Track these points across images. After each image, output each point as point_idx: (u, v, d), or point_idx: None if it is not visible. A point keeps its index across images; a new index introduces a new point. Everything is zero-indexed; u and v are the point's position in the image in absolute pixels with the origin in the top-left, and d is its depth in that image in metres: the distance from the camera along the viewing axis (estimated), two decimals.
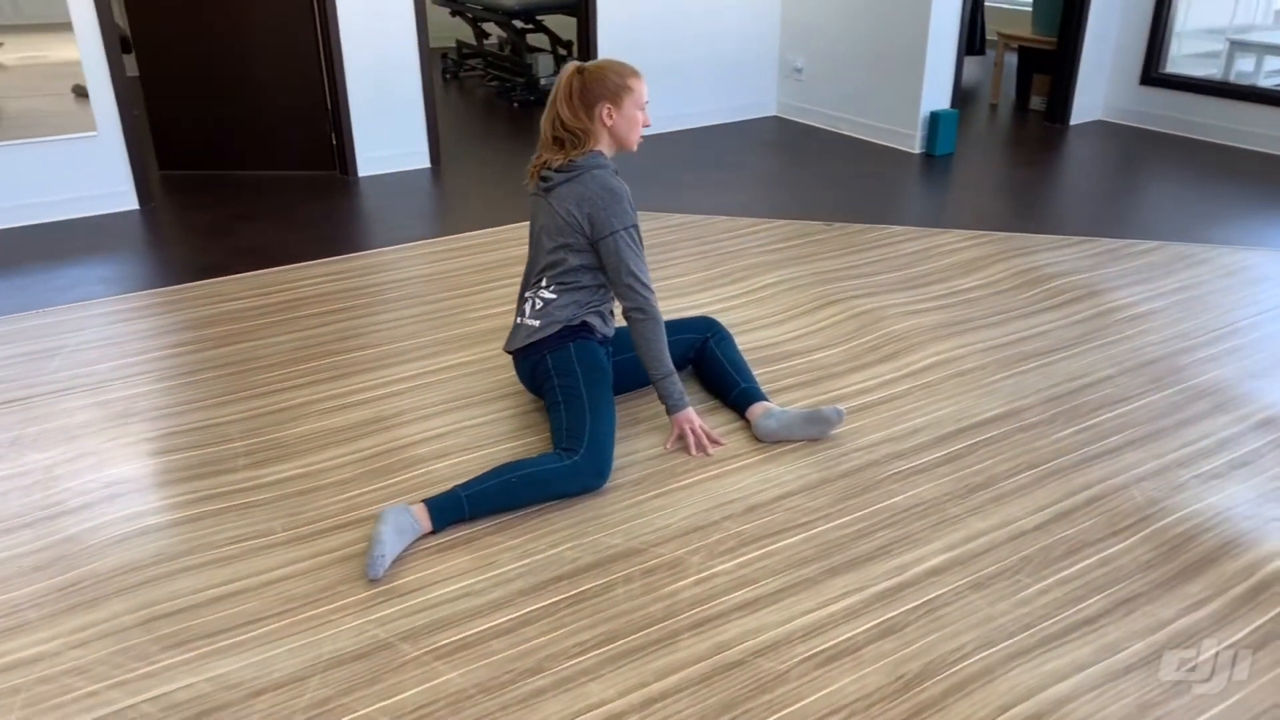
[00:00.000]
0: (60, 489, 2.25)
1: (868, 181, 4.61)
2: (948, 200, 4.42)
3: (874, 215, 4.08)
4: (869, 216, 4.06)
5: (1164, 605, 1.89)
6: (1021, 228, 3.93)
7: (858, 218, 4.04)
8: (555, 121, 2.38)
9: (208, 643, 1.79)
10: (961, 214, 4.17)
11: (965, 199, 4.42)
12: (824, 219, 4.03)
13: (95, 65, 4.00)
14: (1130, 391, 2.68)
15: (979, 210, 4.23)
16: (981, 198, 4.42)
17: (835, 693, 1.69)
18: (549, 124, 2.39)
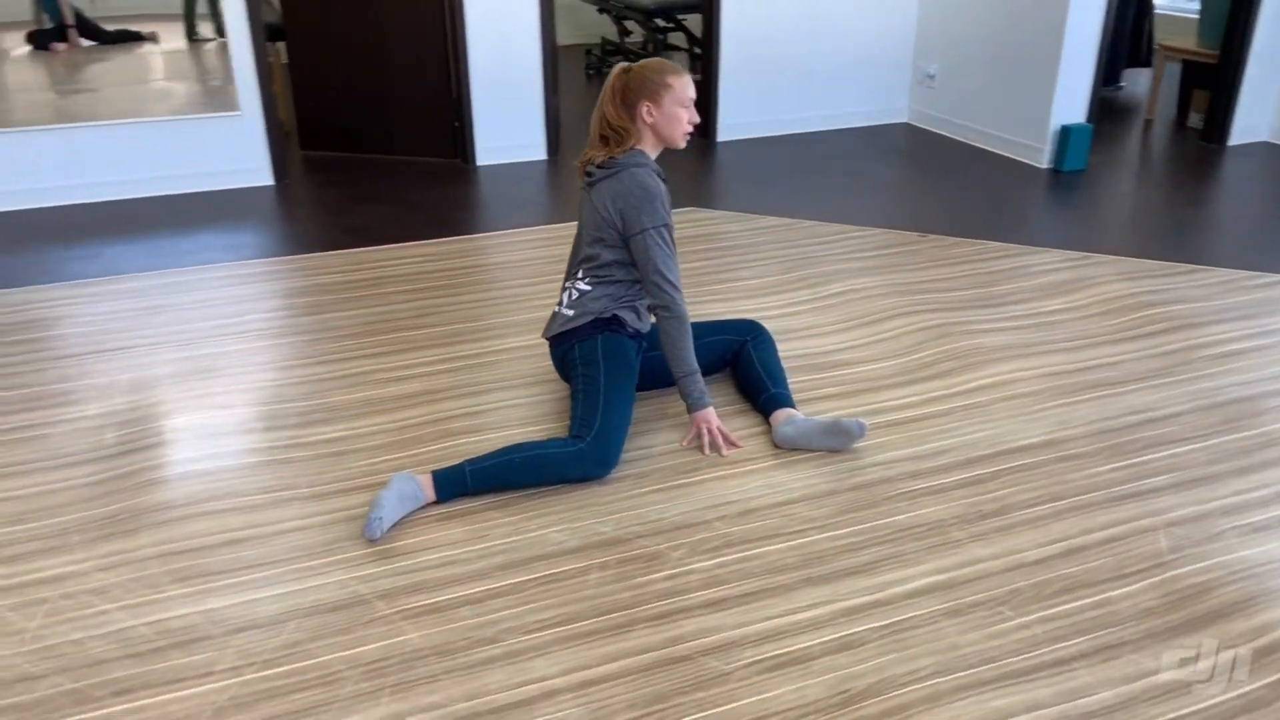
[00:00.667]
0: (127, 431, 2.50)
1: (982, 195, 4.45)
2: (1061, 218, 4.21)
3: (975, 229, 3.94)
4: (969, 230, 3.93)
5: (1151, 656, 1.78)
6: (1135, 252, 3.71)
7: (958, 231, 3.92)
8: (602, 120, 2.45)
9: (210, 580, 1.97)
10: (1070, 233, 3.97)
11: (1080, 218, 4.20)
12: (924, 230, 3.93)
13: (241, 51, 4.35)
14: (1193, 432, 2.51)
15: (1092, 230, 4.02)
16: (1100, 218, 4.19)
17: (771, 699, 1.69)
18: (597, 122, 2.47)
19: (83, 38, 4.49)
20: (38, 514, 2.17)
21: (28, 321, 3.12)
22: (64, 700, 1.68)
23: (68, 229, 3.98)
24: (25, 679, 1.72)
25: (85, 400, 2.65)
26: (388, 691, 1.70)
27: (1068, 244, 3.80)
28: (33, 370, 2.81)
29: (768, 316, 3.10)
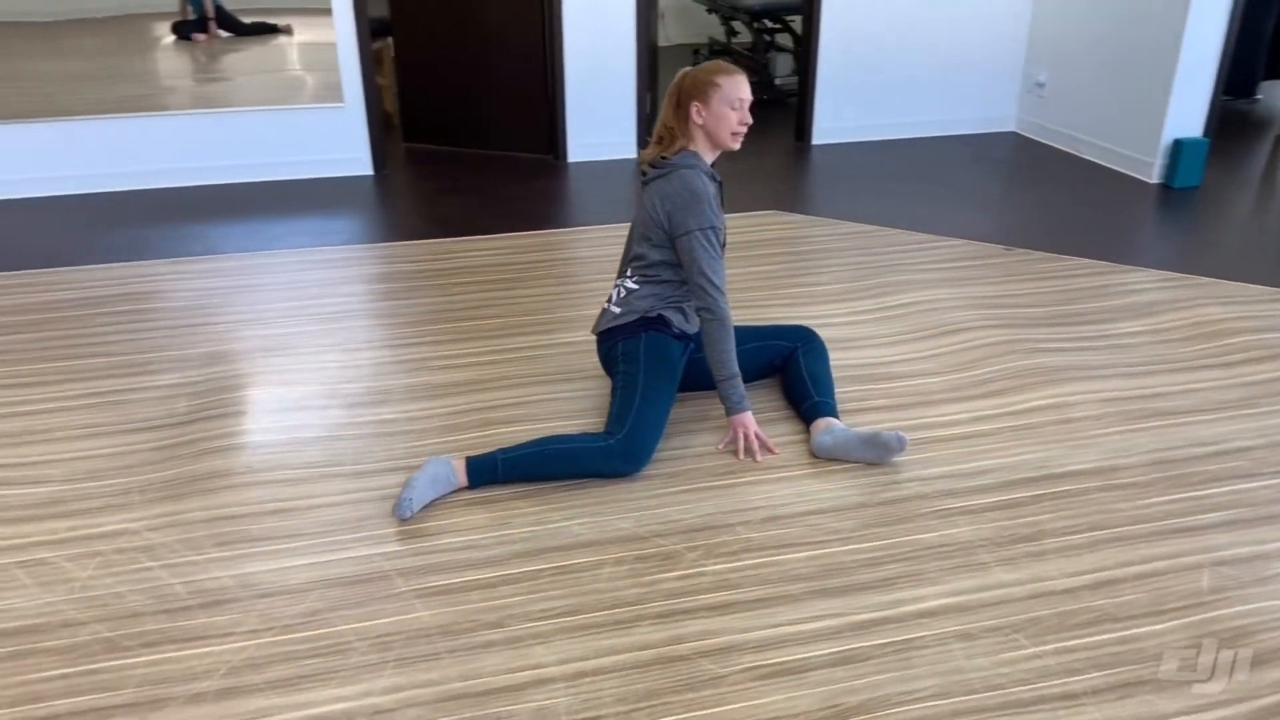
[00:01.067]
0: (197, 402, 2.65)
1: (1081, 209, 4.28)
2: (1162, 236, 4.01)
3: (1067, 245, 3.79)
4: (1061, 246, 3.78)
5: (1171, 699, 1.70)
6: (1239, 275, 3.51)
7: (1049, 246, 3.78)
8: (661, 121, 2.48)
9: (248, 546, 2.08)
10: (1170, 253, 3.78)
11: (1184, 237, 4.00)
12: (1011, 243, 3.80)
13: (347, 46, 4.54)
14: (1264, 469, 2.37)
15: (1194, 251, 3.82)
16: (1206, 238, 3.98)
17: (760, 706, 1.69)
18: (659, 123, 2.49)
19: (221, 29, 4.74)
20: (107, 473, 2.33)
21: (127, 294, 3.34)
22: (98, 647, 1.81)
23: (178, 210, 4.24)
24: (69, 624, 1.86)
25: (165, 370, 2.82)
26: (391, 665, 1.77)
27: (1165, 264, 3.62)
28: (123, 340, 3.01)
29: (831, 323, 3.07)
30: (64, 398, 2.67)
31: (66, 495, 2.25)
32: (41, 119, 4.39)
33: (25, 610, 1.90)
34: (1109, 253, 3.72)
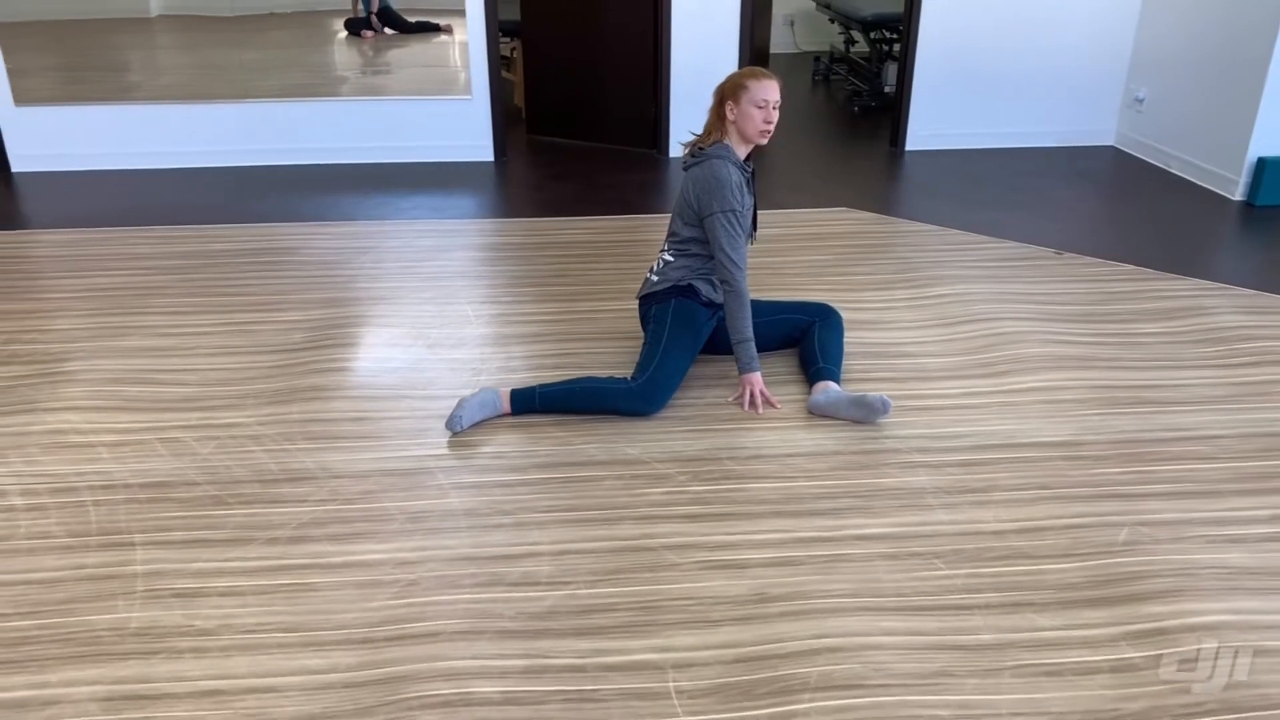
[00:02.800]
0: (311, 334, 3.22)
1: (1152, 221, 4.41)
2: (1219, 249, 4.11)
3: (1121, 253, 3.94)
4: (1116, 253, 3.94)
5: (1050, 617, 2.00)
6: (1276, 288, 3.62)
7: (1105, 253, 3.94)
8: (708, 116, 2.89)
9: (330, 442, 2.61)
10: (1216, 263, 3.89)
11: (1242, 251, 4.09)
12: (1074, 250, 3.99)
13: (478, 46, 5.11)
14: (1222, 453, 2.58)
15: (1246, 264, 3.92)
16: (1260, 252, 4.06)
17: (703, 588, 2.08)
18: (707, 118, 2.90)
19: (387, 27, 5.38)
20: (231, 382, 2.92)
21: (270, 249, 3.98)
22: (208, 501, 2.36)
23: (324, 182, 4.90)
24: (189, 483, 2.43)
25: (290, 309, 3.42)
26: (420, 532, 2.25)
27: (1208, 274, 3.75)
28: (261, 283, 3.63)
29: (862, 308, 3.39)
30: (207, 325, 3.29)
31: (199, 395, 2.85)
32: (224, 101, 5.15)
33: (160, 471, 2.48)
34: (1160, 261, 3.87)
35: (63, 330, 3.27)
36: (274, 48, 5.36)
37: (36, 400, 2.81)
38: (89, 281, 3.66)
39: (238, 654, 1.90)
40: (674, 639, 1.94)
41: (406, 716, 1.75)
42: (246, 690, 1.82)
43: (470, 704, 1.79)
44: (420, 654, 1.90)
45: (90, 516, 2.31)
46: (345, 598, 2.05)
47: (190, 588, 2.08)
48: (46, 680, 1.84)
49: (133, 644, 1.93)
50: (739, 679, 1.85)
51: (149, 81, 5.23)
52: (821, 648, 1.91)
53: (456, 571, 2.13)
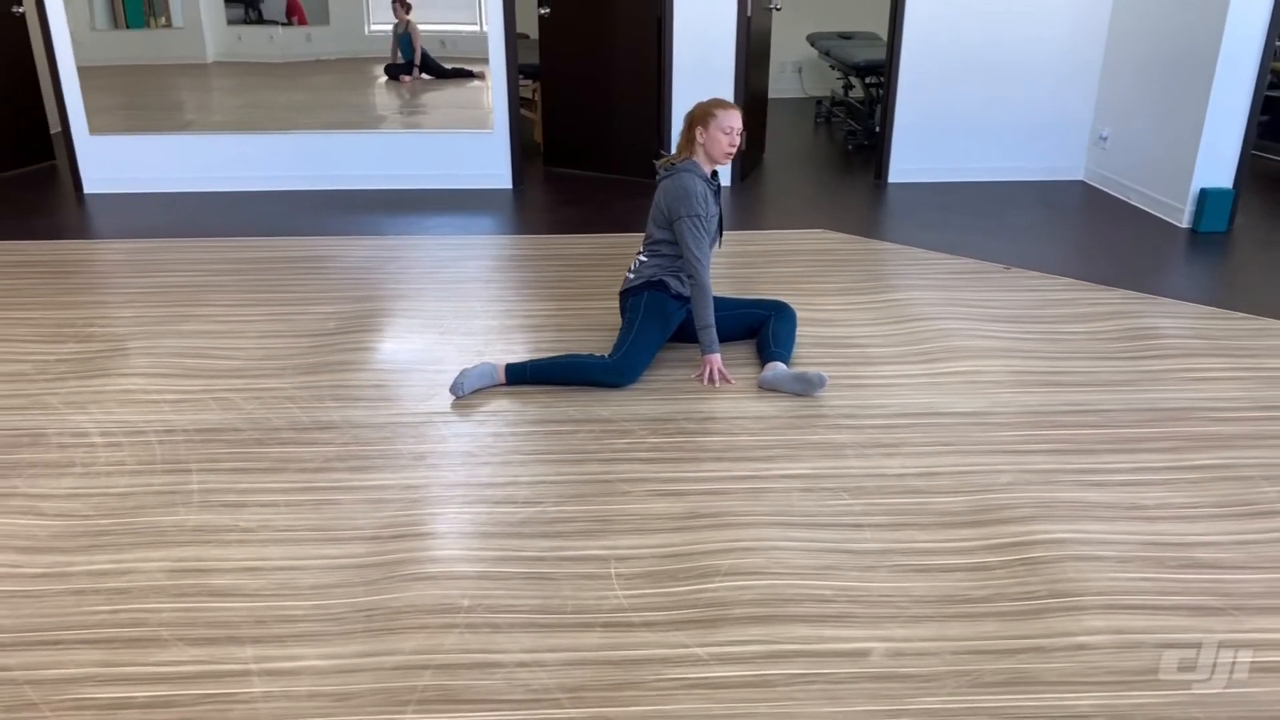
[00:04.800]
0: (342, 322, 3.76)
1: (1102, 245, 4.85)
2: (1157, 267, 4.54)
3: (1066, 269, 4.38)
4: (1061, 269, 4.37)
5: (928, 534, 2.45)
6: (1203, 299, 4.03)
7: (1049, 269, 4.38)
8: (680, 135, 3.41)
9: (353, 402, 3.13)
10: (1151, 280, 4.31)
11: (1178, 268, 4.52)
12: (1023, 267, 4.43)
13: (499, 86, 5.71)
14: (1109, 423, 3.01)
15: (1179, 279, 4.36)
16: (1199, 270, 4.49)
17: (648, 509, 2.55)
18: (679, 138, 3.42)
19: (424, 73, 5.99)
20: (273, 357, 3.45)
21: (310, 257, 4.55)
22: (251, 443, 2.88)
23: (360, 204, 5.49)
24: (236, 430, 2.95)
25: (326, 303, 3.96)
26: (424, 467, 2.75)
27: (1140, 287, 4.17)
28: (301, 284, 4.19)
29: (822, 309, 3.87)
30: (254, 315, 3.84)
31: (246, 367, 3.38)
32: (272, 132, 5.78)
33: (211, 421, 3.01)
34: (1098, 277, 4.31)
35: (131, 317, 3.83)
36: (319, 90, 6.01)
37: (110, 368, 3.37)
38: (153, 280, 4.24)
39: (273, 545, 2.40)
40: (619, 541, 2.42)
41: (401, 585, 2.24)
42: (277, 568, 2.32)
43: (452, 578, 2.27)
44: (416, 546, 2.39)
45: (155, 451, 2.84)
46: (359, 509, 2.55)
47: (236, 500, 2.59)
48: (123, 558, 2.35)
49: (190, 536, 2.44)
50: (667, 568, 2.32)
51: (204, 118, 5.88)
52: (736, 547, 2.38)
53: (450, 494, 2.63)
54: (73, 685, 1.96)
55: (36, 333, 3.67)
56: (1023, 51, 5.83)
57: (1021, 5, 5.74)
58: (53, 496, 2.61)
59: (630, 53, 5.86)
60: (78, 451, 2.83)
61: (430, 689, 1.94)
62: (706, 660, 2.03)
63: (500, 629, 2.11)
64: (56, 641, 2.08)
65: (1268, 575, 2.30)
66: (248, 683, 1.97)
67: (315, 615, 2.16)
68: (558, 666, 2.01)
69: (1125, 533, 2.45)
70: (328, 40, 5.93)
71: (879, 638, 2.09)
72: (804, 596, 2.21)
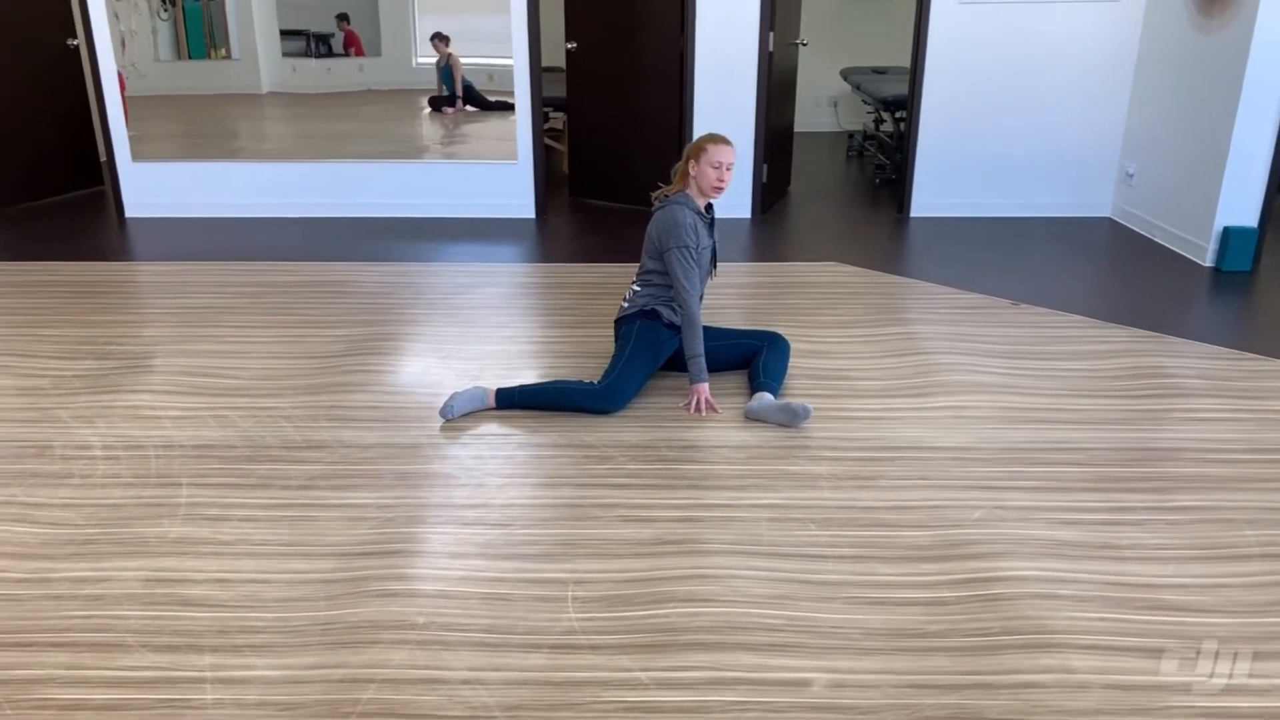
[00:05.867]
0: (350, 344, 3.86)
1: (1119, 282, 4.80)
2: (1174, 307, 4.46)
3: (1078, 306, 4.32)
4: (1073, 307, 4.31)
5: (890, 567, 2.45)
6: (1214, 339, 3.97)
7: (1063, 307, 4.32)
8: (676, 169, 3.47)
9: (346, 422, 3.21)
10: (1162, 318, 4.24)
11: (1194, 309, 4.45)
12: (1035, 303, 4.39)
13: (524, 119, 5.84)
14: (1092, 461, 2.98)
15: (1193, 320, 4.28)
16: (1216, 310, 4.41)
17: (612, 534, 2.58)
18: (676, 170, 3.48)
19: (468, 105, 6.14)
20: (275, 377, 3.56)
21: (328, 282, 4.68)
22: (242, 459, 2.98)
23: (380, 231, 5.63)
24: (231, 446, 3.05)
25: (335, 327, 4.07)
26: (402, 487, 2.82)
27: (1150, 326, 4.11)
28: (316, 307, 4.31)
29: (819, 342, 3.88)
30: (265, 336, 3.97)
31: (248, 386, 3.49)
32: (304, 160, 5.98)
33: (210, 438, 3.11)
34: (1108, 314, 4.25)
35: (150, 336, 3.98)
36: (366, 120, 6.20)
37: (122, 385, 3.50)
38: (176, 302, 4.40)
39: (246, 558, 2.48)
40: (580, 565, 2.45)
41: (362, 601, 2.30)
42: (247, 580, 2.39)
43: (412, 595, 2.33)
44: (383, 564, 2.45)
45: (151, 465, 2.95)
46: (335, 526, 2.62)
47: (219, 514, 2.68)
48: (102, 566, 2.45)
49: (169, 548, 2.53)
50: (623, 593, 2.35)
51: (253, 146, 6.10)
52: (694, 575, 2.40)
53: (424, 514, 2.69)
54: (37, 686, 2.04)
55: (59, 349, 3.83)
56: (1049, 87, 5.80)
57: (1048, 41, 5.72)
58: (48, 506, 2.72)
59: (653, 86, 5.95)
60: (78, 463, 2.95)
61: (373, 702, 1.99)
62: (647, 684, 2.05)
63: (450, 646, 2.16)
64: (29, 644, 2.17)
65: (1235, 620, 2.26)
66: (201, 690, 2.03)
67: (275, 627, 2.22)
68: (499, 685, 2.04)
69: (1092, 572, 2.43)
70: (378, 72, 6.12)
71: (823, 668, 2.10)
72: (754, 625, 2.22)
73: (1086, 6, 5.66)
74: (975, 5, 5.65)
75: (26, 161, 6.25)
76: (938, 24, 5.70)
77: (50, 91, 6.30)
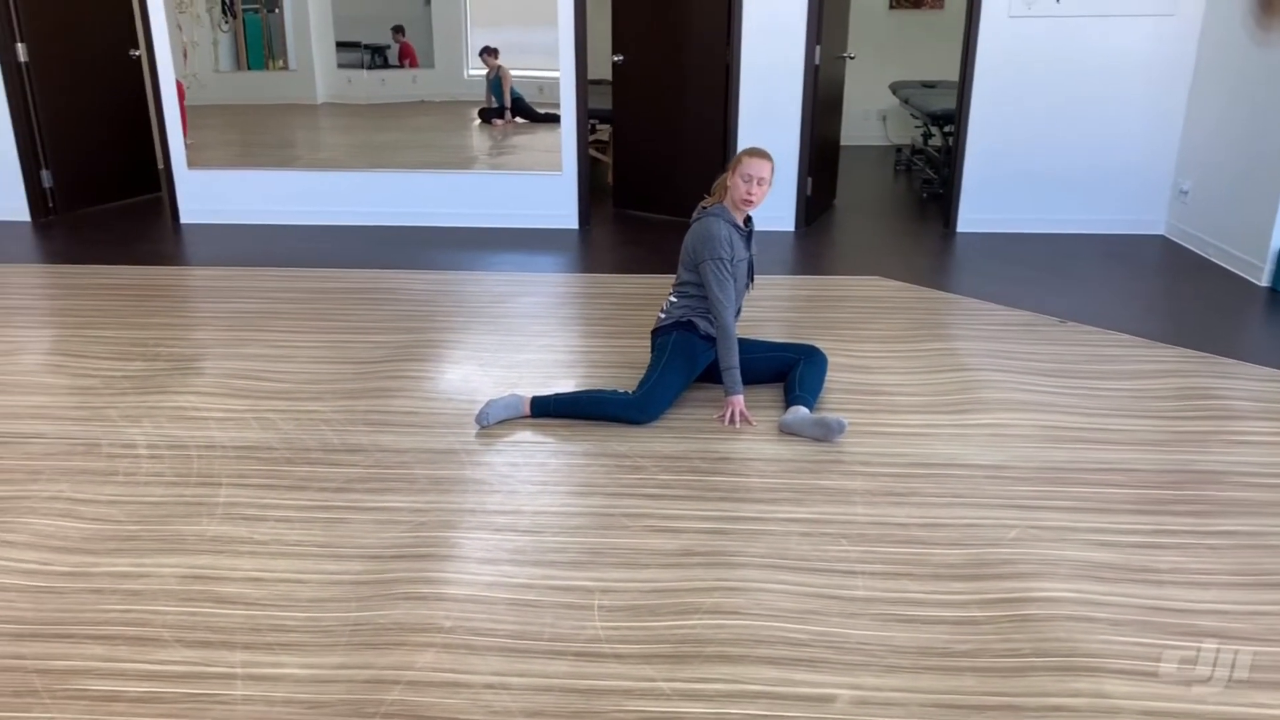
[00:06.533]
0: (395, 350, 3.92)
1: (1170, 301, 4.70)
2: (1223, 327, 4.36)
3: (1122, 324, 4.23)
4: (1122, 325, 4.22)
5: (921, 584, 2.42)
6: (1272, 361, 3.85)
7: (1110, 325, 4.23)
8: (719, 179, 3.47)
9: (384, 427, 3.26)
10: (1214, 339, 4.14)
11: (1242, 326, 4.34)
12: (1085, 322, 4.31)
13: (569, 131, 5.89)
14: (1134, 483, 2.91)
15: (1244, 340, 4.18)
16: (1269, 330, 4.29)
17: (640, 544, 2.58)
18: None
19: (517, 116, 6.21)
20: (317, 381, 3.62)
21: (372, 289, 4.76)
22: (281, 461, 3.03)
23: (427, 240, 5.71)
24: (270, 448, 3.11)
25: (377, 333, 4.13)
26: (436, 492, 2.85)
27: (1201, 346, 4.01)
28: (360, 314, 4.38)
29: (858, 355, 3.85)
30: (310, 341, 4.04)
31: (291, 389, 3.56)
32: (356, 170, 6.09)
33: (250, 439, 3.18)
34: (1157, 334, 4.16)
35: (199, 339, 4.07)
36: (417, 131, 6.31)
37: (169, 386, 3.59)
38: (224, 305, 4.49)
39: (280, 558, 2.52)
40: (607, 574, 2.46)
41: (391, 603, 2.33)
42: (280, 579, 2.43)
43: (441, 599, 2.35)
44: (413, 567, 2.48)
45: (193, 465, 3.01)
46: (367, 529, 2.66)
47: (256, 514, 2.73)
48: (142, 562, 2.50)
49: (207, 545, 2.58)
50: (649, 603, 2.35)
51: (306, 155, 6.23)
52: (721, 587, 2.40)
53: (456, 519, 2.71)
54: (74, 677, 2.10)
55: (111, 350, 3.94)
56: (1101, 101, 5.71)
57: (1101, 54, 5.63)
58: (93, 502, 2.80)
59: (699, 99, 5.97)
60: (123, 461, 3.03)
61: (397, 704, 2.01)
62: (669, 695, 2.04)
63: (475, 651, 2.17)
64: (69, 635, 2.23)
65: (1275, 649, 2.20)
66: (231, 685, 2.07)
67: (306, 626, 2.26)
68: (522, 691, 2.05)
69: (1128, 595, 2.37)
70: (431, 83, 6.23)
71: (847, 685, 2.08)
72: (779, 639, 2.21)
73: (1141, 20, 5.57)
74: (1026, 18, 5.59)
75: (88, 168, 6.44)
76: (987, 37, 5.64)
77: (112, 101, 6.50)
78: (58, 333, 4.22)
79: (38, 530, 2.64)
